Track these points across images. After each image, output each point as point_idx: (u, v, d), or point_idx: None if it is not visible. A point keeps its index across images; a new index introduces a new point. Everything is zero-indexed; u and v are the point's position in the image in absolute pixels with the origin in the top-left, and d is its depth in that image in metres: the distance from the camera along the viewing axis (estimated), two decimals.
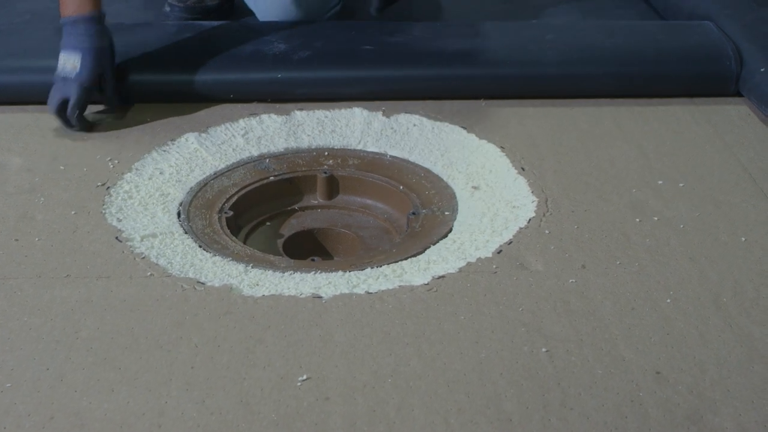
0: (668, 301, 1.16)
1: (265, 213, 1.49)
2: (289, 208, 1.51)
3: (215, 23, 1.77)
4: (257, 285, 1.21)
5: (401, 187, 1.47)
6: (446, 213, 1.39)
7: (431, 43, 1.70)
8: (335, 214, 1.51)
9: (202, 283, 1.20)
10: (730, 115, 1.62)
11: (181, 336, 1.10)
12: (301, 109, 1.63)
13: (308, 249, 1.46)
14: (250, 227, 1.46)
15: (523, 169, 1.44)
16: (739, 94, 1.68)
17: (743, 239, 1.28)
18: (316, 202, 1.52)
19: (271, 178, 1.50)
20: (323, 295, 1.17)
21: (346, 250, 1.46)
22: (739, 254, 1.25)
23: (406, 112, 1.62)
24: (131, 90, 1.62)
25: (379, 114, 1.62)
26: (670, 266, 1.22)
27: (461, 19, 1.90)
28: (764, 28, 1.72)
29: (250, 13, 1.93)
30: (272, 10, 1.83)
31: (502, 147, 1.51)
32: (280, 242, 1.44)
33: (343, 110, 1.63)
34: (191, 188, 1.45)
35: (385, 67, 1.65)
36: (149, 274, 1.21)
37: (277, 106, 1.64)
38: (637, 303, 1.15)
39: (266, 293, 1.18)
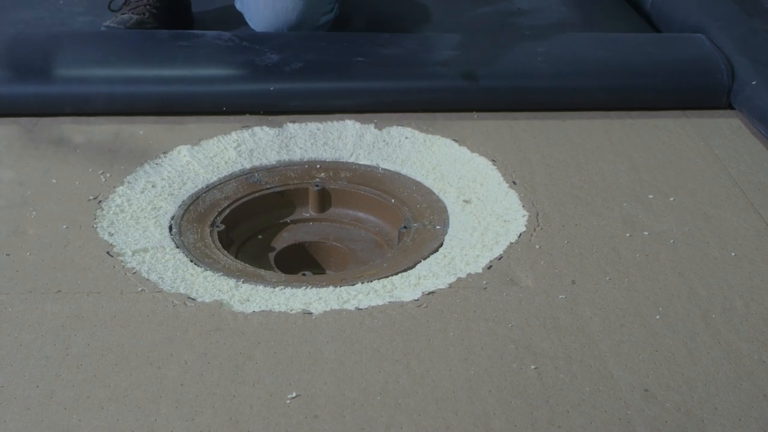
0: (657, 317, 1.16)
1: (257, 226, 1.49)
2: (281, 222, 1.51)
3: (209, 33, 1.77)
4: (248, 300, 1.21)
5: (393, 201, 1.47)
6: (437, 227, 1.39)
7: (424, 56, 1.71)
8: (327, 227, 1.51)
9: (193, 299, 1.20)
10: (722, 128, 1.62)
11: (171, 353, 1.10)
12: (293, 122, 1.63)
13: (300, 262, 1.46)
14: (242, 241, 1.46)
15: (514, 182, 1.45)
16: (731, 107, 1.68)
17: (733, 254, 1.28)
18: (308, 215, 1.52)
19: (263, 191, 1.50)
20: (313, 311, 1.18)
21: (338, 264, 1.46)
22: (729, 269, 1.25)
23: (398, 125, 1.62)
24: (121, 102, 1.62)
25: (372, 126, 1.62)
26: (660, 282, 1.23)
27: (454, 32, 1.90)
28: (756, 40, 1.73)
29: (244, 23, 1.94)
30: (266, 12, 1.83)
31: (493, 160, 1.51)
32: (271, 256, 1.44)
33: (335, 122, 1.63)
34: (183, 202, 1.45)
35: (377, 79, 1.65)
36: (140, 289, 1.22)
37: (270, 118, 1.64)
38: (626, 319, 1.16)
39: (256, 309, 1.18)
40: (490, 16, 2.09)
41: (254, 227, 1.49)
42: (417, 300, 1.19)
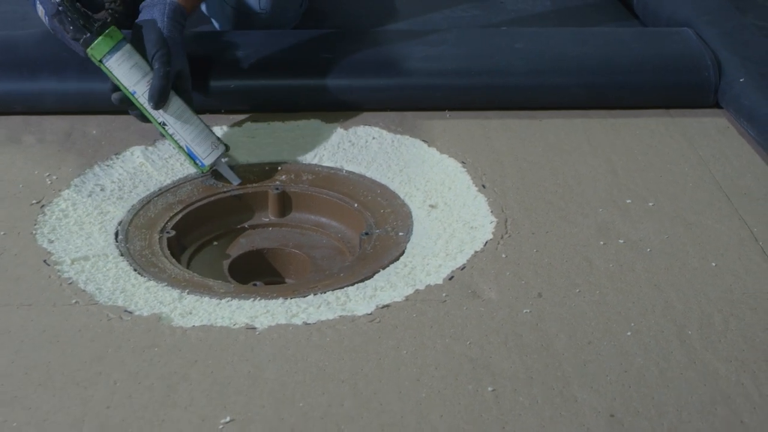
0: (629, 333, 1.07)
1: (213, 232, 1.41)
2: (238, 227, 1.42)
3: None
4: (189, 314, 1.13)
5: (356, 205, 1.39)
6: (400, 234, 1.31)
7: (393, 52, 1.62)
8: (287, 233, 1.42)
9: (130, 312, 1.12)
10: (707, 127, 1.53)
11: (101, 371, 1.02)
12: (254, 121, 1.55)
13: (257, 270, 1.38)
14: (195, 247, 1.38)
15: (483, 186, 1.36)
16: (718, 106, 1.59)
17: (713, 264, 1.20)
18: (268, 219, 1.44)
19: (220, 194, 1.42)
20: (258, 325, 1.09)
21: (297, 272, 1.38)
22: (708, 281, 1.17)
23: (365, 124, 1.54)
24: (74, 100, 1.54)
25: (337, 126, 1.54)
26: (633, 294, 1.14)
27: (428, 27, 1.82)
28: (745, 35, 1.64)
29: (206, 21, 1.86)
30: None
31: (463, 162, 1.42)
32: (226, 263, 1.36)
33: (299, 122, 1.55)
34: (133, 206, 1.37)
35: (343, 76, 1.57)
36: (74, 301, 1.13)
37: (230, 117, 1.56)
38: (595, 336, 1.07)
39: (197, 323, 1.10)
40: (468, 10, 2.00)
41: (209, 233, 1.41)
42: (370, 314, 1.11)
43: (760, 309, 1.11)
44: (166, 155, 1.47)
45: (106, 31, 1.33)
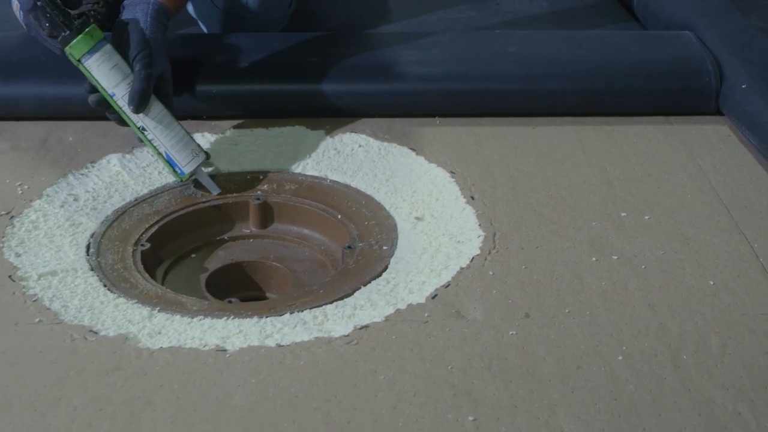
0: (620, 358, 1.01)
1: (191, 244, 1.35)
2: (217, 239, 1.37)
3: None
4: (159, 333, 1.07)
5: (339, 216, 1.33)
6: (384, 248, 1.25)
7: (382, 55, 1.56)
8: (268, 245, 1.36)
9: (95, 332, 1.06)
10: (708, 136, 1.47)
11: (61, 396, 0.97)
12: (236, 127, 1.49)
13: (236, 284, 1.32)
14: (171, 260, 1.32)
15: (472, 197, 1.30)
16: (719, 113, 1.53)
17: (711, 283, 1.14)
18: (248, 231, 1.38)
19: (199, 204, 1.36)
20: (229, 347, 1.04)
21: (278, 286, 1.32)
22: (706, 301, 1.11)
23: (352, 131, 1.48)
24: (51, 105, 1.49)
25: (322, 132, 1.48)
26: (626, 315, 1.08)
27: (420, 30, 1.76)
28: (747, 38, 1.58)
29: (194, 24, 1.80)
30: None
31: (452, 172, 1.37)
32: (203, 277, 1.30)
33: (282, 128, 1.49)
34: (107, 217, 1.31)
35: (329, 80, 1.51)
36: (37, 320, 1.08)
37: (212, 123, 1.50)
38: (584, 360, 1.01)
39: (165, 344, 1.05)
40: (464, 12, 1.94)
41: (187, 245, 1.35)
42: (348, 335, 1.05)
43: (760, 331, 1.05)
44: (144, 163, 1.41)
45: (86, 29, 1.27)
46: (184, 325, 1.09)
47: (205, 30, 1.79)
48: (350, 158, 1.43)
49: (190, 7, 1.79)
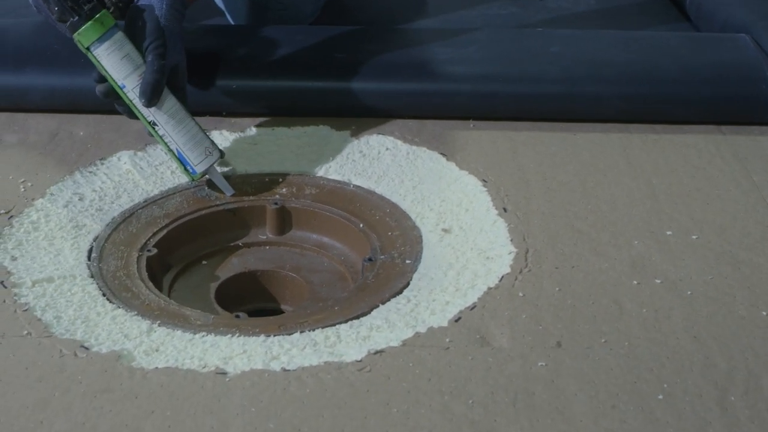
0: (660, 397, 0.91)
1: (202, 250, 1.27)
2: (231, 245, 1.28)
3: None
4: (156, 351, 0.99)
5: (361, 225, 1.24)
6: (407, 261, 1.16)
7: (414, 52, 1.47)
8: (285, 253, 1.28)
9: (87, 348, 0.98)
10: (764, 148, 1.36)
11: (42, 420, 0.88)
12: (258, 126, 1.40)
13: (248, 294, 1.24)
14: (180, 267, 1.24)
15: (505, 209, 1.21)
16: None
17: (764, 314, 1.03)
18: (264, 237, 1.29)
19: (212, 208, 1.28)
20: (230, 370, 0.95)
21: (293, 298, 1.24)
22: (758, 334, 1.00)
23: (379, 133, 1.39)
24: (62, 97, 1.41)
25: (348, 134, 1.39)
26: (669, 348, 0.98)
27: (457, 26, 1.66)
28: None
29: (220, 14, 1.72)
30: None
31: (484, 180, 1.27)
32: (213, 286, 1.21)
33: (305, 128, 1.41)
34: (113, 219, 1.23)
35: (357, 78, 1.41)
36: (26, 332, 1.00)
37: (232, 120, 1.42)
38: (621, 398, 0.91)
39: (161, 364, 0.96)
40: (505, 7, 1.84)
41: (198, 251, 1.27)
42: (360, 361, 0.96)
43: None
44: (157, 162, 1.33)
45: (97, 15, 1.19)
46: (184, 342, 1.01)
47: (231, 21, 1.70)
48: (376, 162, 1.33)
49: None
